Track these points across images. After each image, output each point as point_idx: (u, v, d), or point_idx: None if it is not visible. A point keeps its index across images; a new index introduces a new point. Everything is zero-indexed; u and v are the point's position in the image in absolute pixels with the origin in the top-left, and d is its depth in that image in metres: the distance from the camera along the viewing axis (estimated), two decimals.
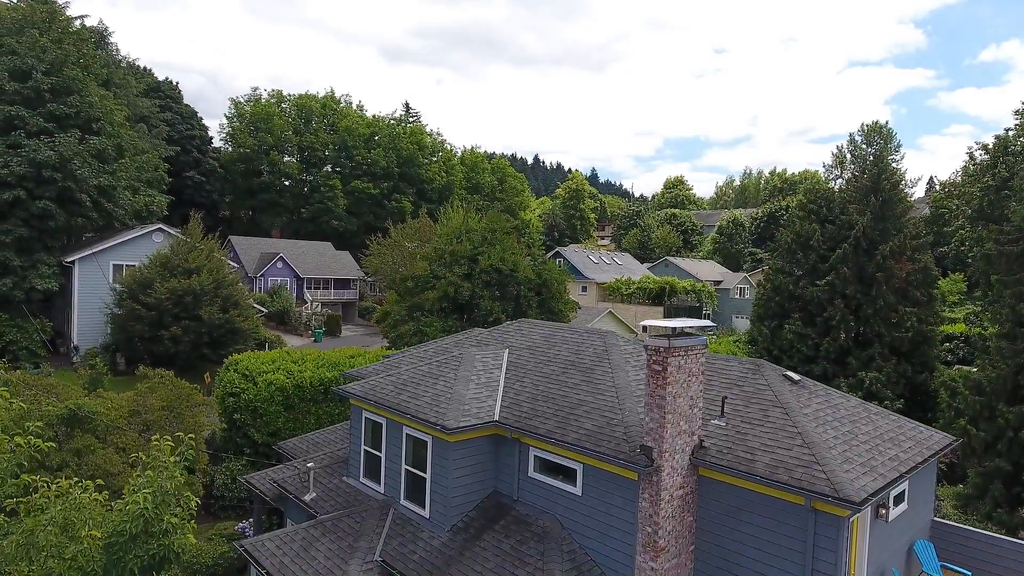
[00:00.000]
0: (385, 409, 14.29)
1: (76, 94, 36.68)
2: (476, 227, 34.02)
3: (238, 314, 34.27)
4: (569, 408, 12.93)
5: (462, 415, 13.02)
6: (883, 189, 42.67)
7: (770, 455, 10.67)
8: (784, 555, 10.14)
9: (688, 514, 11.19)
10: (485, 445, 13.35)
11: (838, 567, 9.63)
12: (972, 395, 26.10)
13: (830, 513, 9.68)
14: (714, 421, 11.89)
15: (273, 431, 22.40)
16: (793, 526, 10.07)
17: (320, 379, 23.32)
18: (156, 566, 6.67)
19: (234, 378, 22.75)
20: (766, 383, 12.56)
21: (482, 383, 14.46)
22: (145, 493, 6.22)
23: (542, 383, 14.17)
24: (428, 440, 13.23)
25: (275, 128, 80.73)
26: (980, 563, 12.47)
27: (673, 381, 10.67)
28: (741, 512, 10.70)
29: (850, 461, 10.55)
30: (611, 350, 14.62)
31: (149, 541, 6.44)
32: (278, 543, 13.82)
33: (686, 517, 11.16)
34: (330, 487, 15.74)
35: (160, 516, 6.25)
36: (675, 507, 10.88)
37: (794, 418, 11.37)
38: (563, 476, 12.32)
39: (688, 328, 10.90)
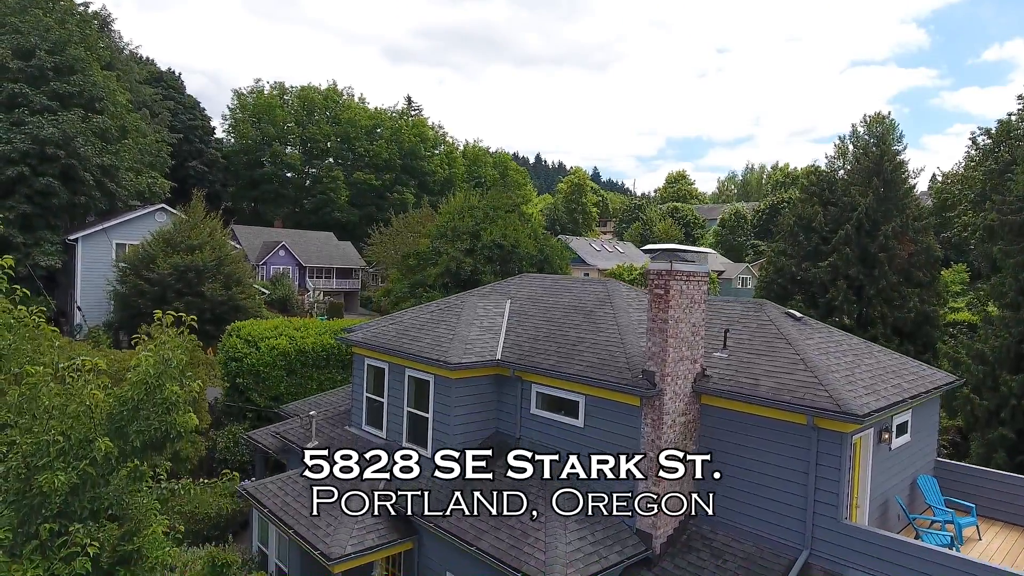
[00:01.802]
0: (387, 353, 14.29)
1: (79, 73, 36.78)
2: (478, 204, 34.01)
3: (240, 291, 34.28)
4: (571, 345, 12.93)
5: (464, 353, 13.03)
6: (886, 170, 42.60)
7: (773, 380, 10.66)
8: (787, 477, 10.13)
9: (691, 442, 11.18)
10: (487, 385, 13.34)
11: (841, 486, 9.61)
12: (975, 365, 26.03)
13: (833, 430, 9.67)
14: (716, 354, 11.87)
15: (275, 395, 22.41)
16: (796, 447, 10.06)
17: (322, 345, 23.35)
18: (157, 443, 6.69)
19: (237, 343, 22.77)
20: (768, 319, 12.55)
21: (484, 327, 14.47)
22: (147, 356, 6.23)
23: (544, 326, 14.17)
24: (430, 379, 13.22)
25: (277, 119, 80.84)
26: (982, 497, 12.43)
27: (675, 305, 10.67)
28: (744, 438, 10.69)
29: (853, 384, 10.54)
30: (613, 295, 14.61)
31: (151, 416, 6.45)
32: (280, 485, 13.83)
33: (688, 445, 11.14)
34: (332, 436, 15.74)
35: (162, 385, 6.25)
36: (677, 432, 10.87)
37: (797, 348, 11.35)
38: (565, 410, 12.32)
39: (690, 253, 10.88)
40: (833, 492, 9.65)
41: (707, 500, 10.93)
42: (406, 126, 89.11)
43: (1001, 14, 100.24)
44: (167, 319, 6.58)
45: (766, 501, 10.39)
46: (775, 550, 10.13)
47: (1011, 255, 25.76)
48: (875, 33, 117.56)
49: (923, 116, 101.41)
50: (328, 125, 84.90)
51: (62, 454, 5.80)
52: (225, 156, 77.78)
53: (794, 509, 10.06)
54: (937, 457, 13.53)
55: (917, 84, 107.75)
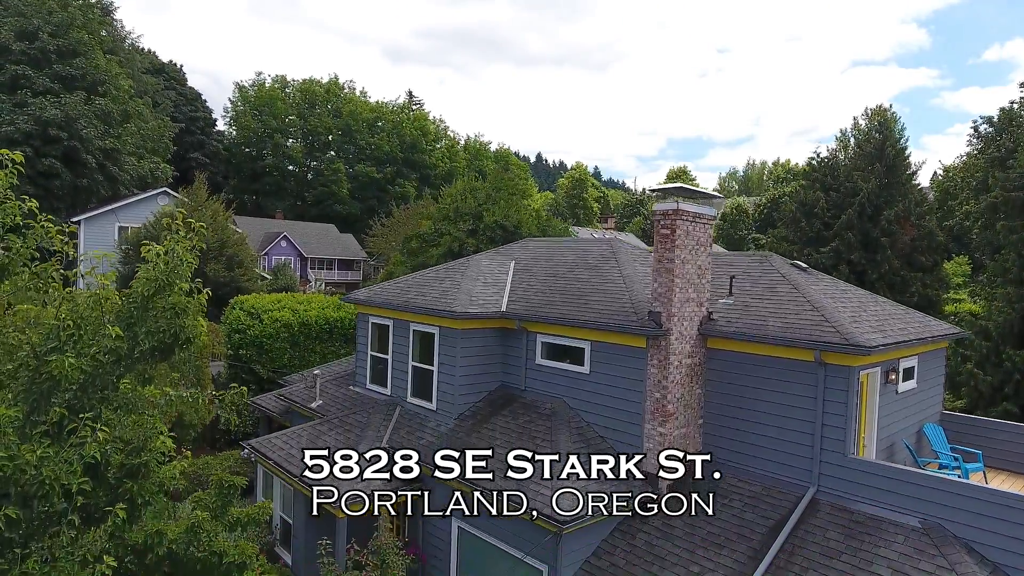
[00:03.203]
0: (392, 309, 14.28)
1: (82, 56, 36.81)
2: (480, 186, 33.99)
3: (243, 273, 34.29)
4: (576, 296, 12.92)
5: (470, 304, 13.02)
6: (888, 155, 42.57)
7: (779, 320, 10.65)
8: (795, 416, 10.11)
9: (696, 386, 11.17)
10: (492, 337, 13.33)
11: (848, 421, 9.60)
12: (979, 340, 26.00)
13: (840, 365, 9.65)
14: (722, 301, 11.86)
15: (278, 367, 22.40)
16: (803, 385, 10.04)
17: (325, 319, 23.36)
18: (166, 347, 6.67)
19: (240, 315, 22.77)
20: (774, 268, 12.53)
21: (489, 283, 14.46)
22: (158, 250, 6.21)
23: (549, 280, 14.16)
24: (435, 332, 13.21)
25: (279, 112, 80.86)
26: (989, 448, 12.41)
27: (681, 245, 10.65)
28: (750, 379, 10.67)
29: (859, 323, 10.52)
30: (618, 251, 14.60)
31: (159, 317, 6.43)
32: (285, 439, 13.82)
33: (695, 388, 11.13)
34: (336, 395, 15.73)
35: (172, 283, 6.24)
36: (683, 375, 10.86)
37: (803, 292, 11.34)
38: (570, 358, 12.30)
39: (698, 193, 10.86)
40: (840, 427, 9.63)
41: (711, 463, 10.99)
42: (407, 120, 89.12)
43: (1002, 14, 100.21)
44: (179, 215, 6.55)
45: (773, 442, 10.37)
46: (782, 489, 10.11)
47: (1014, 231, 25.75)
48: (876, 33, 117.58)
49: (924, 116, 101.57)
50: (330, 118, 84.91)
51: (72, 340, 5.79)
52: (227, 148, 77.84)
53: (801, 447, 10.05)
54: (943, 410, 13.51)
55: (918, 84, 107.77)
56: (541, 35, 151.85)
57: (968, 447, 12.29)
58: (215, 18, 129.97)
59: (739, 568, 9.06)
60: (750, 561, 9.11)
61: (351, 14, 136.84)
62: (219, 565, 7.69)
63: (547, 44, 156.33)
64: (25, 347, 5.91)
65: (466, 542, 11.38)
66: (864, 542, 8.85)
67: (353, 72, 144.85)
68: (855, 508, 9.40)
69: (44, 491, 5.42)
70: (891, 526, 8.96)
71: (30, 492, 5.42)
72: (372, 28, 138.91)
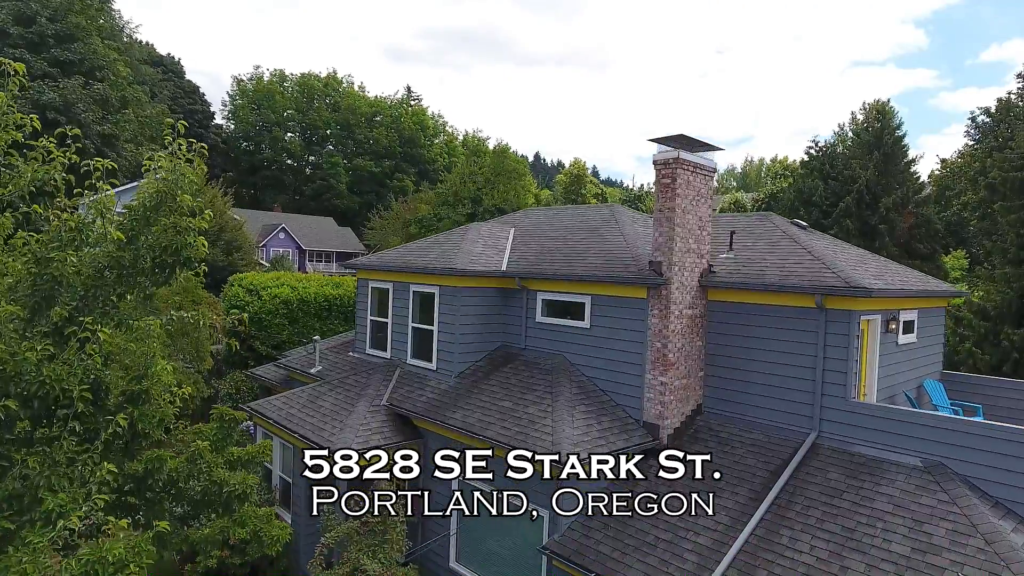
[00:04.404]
0: (392, 271, 14.26)
1: (80, 41, 36.74)
2: (479, 171, 34.01)
3: (241, 258, 34.24)
4: (577, 254, 12.92)
5: (471, 263, 13.01)
6: (886, 143, 42.67)
7: (780, 269, 10.66)
8: (796, 363, 10.11)
9: (697, 338, 11.17)
10: (492, 297, 13.31)
11: (849, 365, 9.60)
12: (977, 320, 26.04)
13: (841, 310, 9.66)
14: (722, 256, 11.87)
15: (277, 344, 22.36)
16: (804, 331, 10.04)
17: (324, 296, 23.32)
18: (167, 265, 6.65)
19: (239, 292, 22.75)
20: (774, 225, 12.55)
21: (489, 245, 14.45)
22: (160, 162, 6.19)
23: (549, 242, 14.15)
24: (435, 291, 13.19)
25: (277, 106, 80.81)
26: (988, 402, 12.43)
27: (682, 195, 10.65)
28: (752, 329, 10.67)
29: (859, 270, 10.54)
30: (618, 214, 14.60)
31: (161, 235, 6.41)
32: (284, 400, 13.79)
33: (695, 340, 11.12)
34: (336, 361, 15.71)
35: (174, 194, 6.22)
36: (684, 325, 10.85)
37: (803, 244, 11.36)
38: (571, 314, 12.29)
39: (698, 143, 10.85)
40: (841, 372, 9.64)
41: (714, 406, 10.98)
42: (406, 114, 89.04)
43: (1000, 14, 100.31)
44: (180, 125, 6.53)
45: (774, 390, 10.37)
46: (783, 435, 10.12)
47: (1012, 211, 25.80)
48: (875, 34, 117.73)
49: (922, 116, 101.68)
50: (328, 112, 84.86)
51: (75, 243, 5.77)
52: (225, 142, 77.72)
53: (802, 394, 10.05)
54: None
55: (916, 85, 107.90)
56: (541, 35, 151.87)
57: (968, 402, 12.30)
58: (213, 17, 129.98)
59: (740, 509, 9.06)
60: (751, 502, 9.11)
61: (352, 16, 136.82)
62: (219, 495, 7.68)
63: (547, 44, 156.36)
64: (28, 253, 5.88)
65: (468, 494, 11.35)
66: (865, 481, 8.85)
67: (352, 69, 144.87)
68: (856, 451, 9.40)
69: (44, 391, 5.41)
70: (892, 466, 8.96)
71: (31, 392, 5.40)
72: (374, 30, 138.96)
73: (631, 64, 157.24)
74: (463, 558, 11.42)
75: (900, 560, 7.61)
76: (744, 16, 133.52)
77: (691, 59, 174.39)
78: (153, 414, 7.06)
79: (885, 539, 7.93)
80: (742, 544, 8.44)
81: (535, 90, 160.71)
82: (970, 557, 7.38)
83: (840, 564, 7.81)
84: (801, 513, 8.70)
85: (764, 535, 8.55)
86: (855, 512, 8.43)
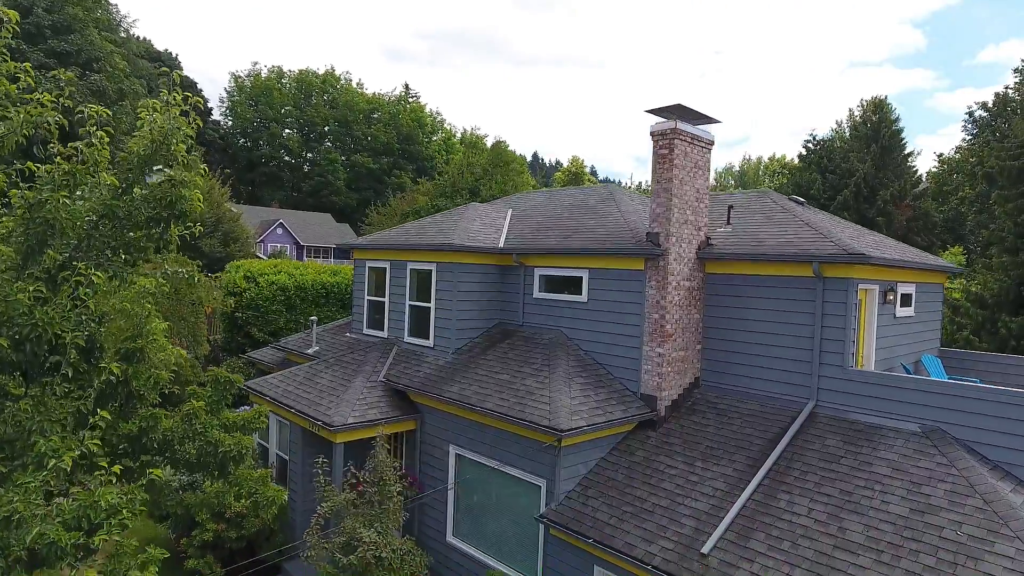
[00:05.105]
0: (389, 250, 14.22)
1: (76, 33, 36.64)
2: (477, 161, 33.97)
3: (238, 248, 34.19)
4: (574, 230, 12.89)
5: (468, 239, 12.97)
6: (883, 136, 42.70)
7: (777, 240, 10.65)
8: (793, 333, 10.09)
9: (695, 311, 11.14)
10: (490, 274, 13.27)
11: (847, 333, 9.57)
12: (975, 308, 26.05)
13: (838, 278, 9.63)
14: (720, 229, 11.84)
15: (274, 331, 22.32)
16: (802, 301, 10.02)
17: (321, 283, 23.29)
18: (163, 220, 6.60)
19: (236, 278, 22.70)
20: (772, 200, 12.53)
21: (487, 224, 14.42)
22: (154, 104, 6.15)
23: (546, 221, 14.12)
24: (433, 268, 13.14)
25: (275, 102, 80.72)
26: (986, 378, 12.41)
27: (679, 165, 10.63)
28: (749, 301, 10.65)
29: (856, 240, 10.52)
30: (616, 194, 14.57)
31: (155, 188, 6.37)
32: (281, 379, 13.75)
33: (693, 313, 11.10)
34: (333, 342, 15.67)
35: (168, 143, 6.17)
36: (682, 297, 10.83)
37: (800, 216, 11.34)
38: (568, 289, 12.26)
39: (695, 113, 10.82)
40: (839, 340, 9.61)
41: (712, 379, 10.99)
42: (404, 111, 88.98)
43: (997, 15, 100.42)
44: None
45: (772, 361, 10.34)
46: (781, 405, 10.09)
47: (1010, 199, 25.82)
48: (873, 35, 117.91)
49: (919, 118, 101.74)
50: (326, 108, 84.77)
51: (68, 186, 5.72)
52: (222, 138, 77.60)
53: (800, 364, 10.02)
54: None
55: (914, 85, 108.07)
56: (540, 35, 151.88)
57: (966, 376, 12.28)
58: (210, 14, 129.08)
59: (738, 476, 9.03)
60: (749, 469, 9.08)
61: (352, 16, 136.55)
62: (215, 455, 7.63)
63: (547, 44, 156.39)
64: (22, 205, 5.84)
65: (464, 468, 11.33)
66: (863, 447, 8.83)
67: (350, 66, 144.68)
68: (854, 419, 9.38)
69: (37, 334, 5.36)
70: (891, 432, 8.94)
71: (22, 335, 5.35)
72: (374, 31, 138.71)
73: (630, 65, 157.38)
74: (459, 532, 11.38)
75: (898, 520, 7.59)
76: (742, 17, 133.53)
77: (690, 60, 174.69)
78: (147, 373, 7.03)
79: (883, 501, 7.91)
80: (740, 508, 8.42)
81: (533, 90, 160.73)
82: (969, 516, 7.36)
83: (838, 525, 7.78)
84: (799, 478, 8.68)
85: (762, 500, 8.52)
86: (853, 476, 8.41)
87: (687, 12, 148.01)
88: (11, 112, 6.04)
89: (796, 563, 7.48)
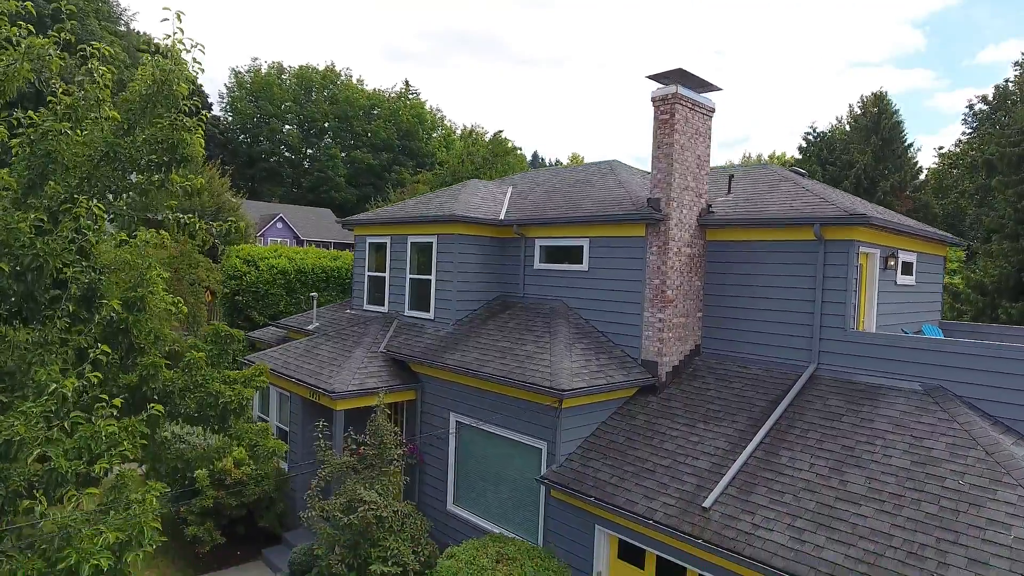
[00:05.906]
0: (390, 224, 14.21)
1: (76, 21, 36.57)
2: (477, 149, 33.94)
3: (238, 238, 34.14)
4: (575, 201, 12.88)
5: (469, 210, 12.96)
6: (884, 128, 42.70)
7: (778, 206, 10.64)
8: (794, 297, 10.08)
9: (696, 278, 11.12)
10: (490, 246, 13.27)
11: (848, 295, 9.56)
12: (975, 295, 26.03)
13: (839, 240, 9.62)
14: (720, 198, 11.84)
15: (274, 315, 22.28)
16: (803, 264, 10.01)
17: (322, 267, 23.27)
18: (164, 165, 6.59)
19: (236, 263, 22.65)
20: (773, 171, 12.53)
21: (487, 198, 14.41)
22: (156, 45, 6.15)
23: (546, 195, 14.11)
24: (433, 240, 13.13)
25: (275, 98, 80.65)
26: None
27: (680, 131, 10.62)
28: (750, 267, 10.64)
29: (858, 205, 10.50)
30: (616, 169, 14.56)
31: (157, 130, 6.36)
32: (281, 351, 13.74)
33: (694, 280, 11.08)
34: (333, 318, 15.65)
35: (169, 82, 6.17)
36: (682, 263, 10.81)
37: (801, 184, 11.34)
38: (569, 258, 12.25)
39: (697, 79, 10.81)
40: (840, 302, 9.60)
41: (712, 346, 10.99)
42: (404, 107, 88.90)
43: (996, 15, 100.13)
44: None
45: (773, 326, 10.33)
46: (782, 369, 10.09)
47: (1010, 185, 25.82)
48: (873, 35, 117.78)
49: (919, 118, 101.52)
50: (326, 104, 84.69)
51: (69, 117, 5.71)
52: (222, 133, 77.54)
53: (801, 328, 10.01)
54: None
55: (914, 85, 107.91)
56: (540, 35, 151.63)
57: None
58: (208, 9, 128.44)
59: (740, 435, 9.02)
60: (750, 428, 9.07)
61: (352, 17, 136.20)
62: (215, 406, 7.61)
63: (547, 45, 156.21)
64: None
65: (464, 435, 11.31)
66: (865, 405, 8.82)
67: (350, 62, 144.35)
68: (856, 379, 9.37)
69: (38, 263, 5.34)
70: (892, 391, 8.93)
71: (23, 264, 5.34)
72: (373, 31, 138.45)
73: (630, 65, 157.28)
74: (460, 500, 11.37)
75: (900, 472, 7.58)
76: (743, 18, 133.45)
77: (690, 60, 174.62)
78: (148, 325, 7.01)
79: (885, 455, 7.89)
80: (741, 465, 8.40)
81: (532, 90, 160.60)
82: (970, 467, 7.35)
83: (840, 478, 7.77)
84: (800, 436, 8.67)
85: (764, 456, 8.51)
86: (855, 432, 8.40)
87: (688, 12, 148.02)
88: (11, 49, 6.02)
89: (797, 514, 7.47)
